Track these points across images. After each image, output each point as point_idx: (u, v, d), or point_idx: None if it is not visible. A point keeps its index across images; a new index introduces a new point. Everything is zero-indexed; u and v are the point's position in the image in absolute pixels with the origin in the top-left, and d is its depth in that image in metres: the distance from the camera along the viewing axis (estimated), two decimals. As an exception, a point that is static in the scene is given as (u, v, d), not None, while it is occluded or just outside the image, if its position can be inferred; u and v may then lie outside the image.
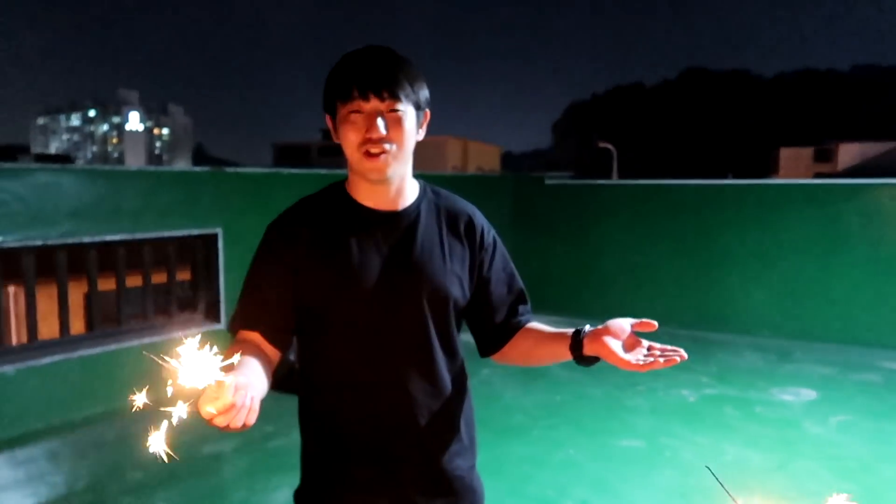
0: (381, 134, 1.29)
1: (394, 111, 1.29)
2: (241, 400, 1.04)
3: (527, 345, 1.46)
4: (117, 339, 4.91)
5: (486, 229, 1.49)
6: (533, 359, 1.47)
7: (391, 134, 1.30)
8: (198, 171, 5.56)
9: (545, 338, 1.42)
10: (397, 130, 1.30)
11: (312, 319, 1.38)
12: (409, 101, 1.31)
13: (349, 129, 1.31)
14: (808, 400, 5.03)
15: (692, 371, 5.76)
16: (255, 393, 1.11)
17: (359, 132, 1.30)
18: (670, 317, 7.46)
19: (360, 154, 1.31)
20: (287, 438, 4.07)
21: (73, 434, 4.43)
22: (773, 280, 7.00)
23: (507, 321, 1.49)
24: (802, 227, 6.87)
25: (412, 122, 1.33)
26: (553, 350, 1.39)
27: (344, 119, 1.31)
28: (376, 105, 1.29)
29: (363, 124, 1.30)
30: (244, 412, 1.06)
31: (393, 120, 1.30)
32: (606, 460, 3.95)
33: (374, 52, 1.33)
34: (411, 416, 1.37)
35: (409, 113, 1.32)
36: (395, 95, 1.29)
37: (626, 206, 7.91)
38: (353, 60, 1.32)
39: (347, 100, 1.30)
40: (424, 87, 1.36)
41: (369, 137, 1.29)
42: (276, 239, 1.39)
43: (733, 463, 3.89)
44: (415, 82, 1.33)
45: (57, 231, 4.49)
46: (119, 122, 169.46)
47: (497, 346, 1.50)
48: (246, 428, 1.07)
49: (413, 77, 1.32)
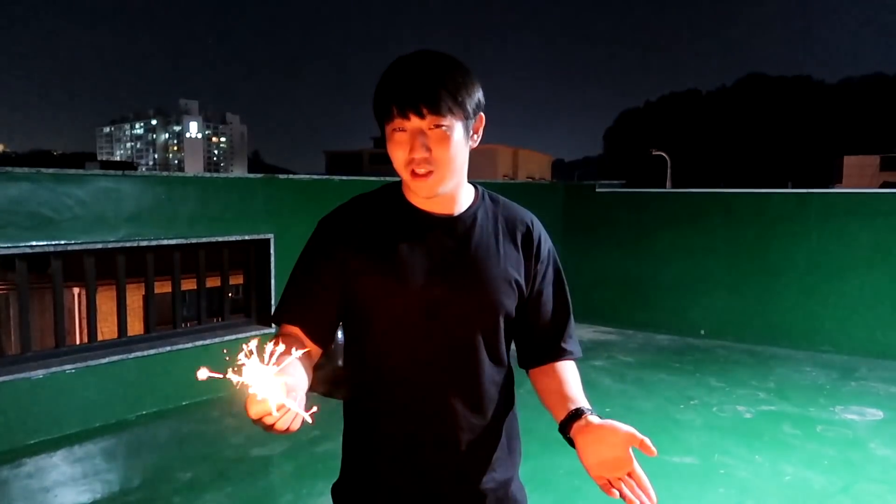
0: (424, 155, 1.25)
1: (437, 127, 1.24)
2: (289, 403, 1.04)
3: (546, 383, 1.41)
4: (172, 340, 5.03)
5: (544, 240, 1.44)
6: (543, 401, 1.42)
7: (435, 153, 1.25)
8: (251, 178, 5.67)
9: (556, 393, 1.37)
10: (442, 148, 1.25)
11: (358, 318, 1.36)
12: (454, 115, 1.25)
13: (394, 148, 1.28)
14: (874, 420, 4.79)
15: (749, 386, 5.56)
16: (300, 393, 1.10)
17: (403, 150, 1.26)
18: (726, 330, 7.26)
19: (408, 173, 1.28)
20: (334, 443, 4.03)
21: (129, 433, 4.55)
22: (837, 293, 6.71)
23: (551, 343, 1.44)
24: (869, 238, 6.56)
25: (460, 134, 1.27)
26: (553, 409, 1.36)
27: (389, 137, 1.28)
28: (418, 123, 1.24)
29: (407, 143, 1.25)
30: (290, 415, 1.05)
31: (437, 137, 1.24)
32: (657, 477, 3.79)
33: (416, 63, 1.26)
34: (450, 422, 1.34)
35: (455, 127, 1.25)
36: (437, 112, 1.23)
37: (680, 214, 7.71)
38: (395, 74, 1.27)
39: (390, 119, 1.26)
40: (475, 93, 1.29)
41: (412, 158, 1.26)
42: (326, 234, 1.37)
43: (793, 484, 3.72)
44: (460, 91, 1.25)
45: (116, 235, 4.63)
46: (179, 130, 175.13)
47: (536, 362, 1.45)
48: (290, 431, 1.06)
49: (458, 86, 1.25)
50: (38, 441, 4.28)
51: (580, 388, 1.39)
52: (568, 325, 1.47)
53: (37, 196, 4.27)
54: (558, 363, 1.43)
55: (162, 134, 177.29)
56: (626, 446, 1.17)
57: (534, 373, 1.46)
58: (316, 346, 1.35)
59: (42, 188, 4.30)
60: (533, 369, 1.46)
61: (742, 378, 5.80)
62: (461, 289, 1.32)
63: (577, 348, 1.47)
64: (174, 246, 5.01)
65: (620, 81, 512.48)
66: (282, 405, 1.02)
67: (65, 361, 4.50)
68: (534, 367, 1.45)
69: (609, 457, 1.19)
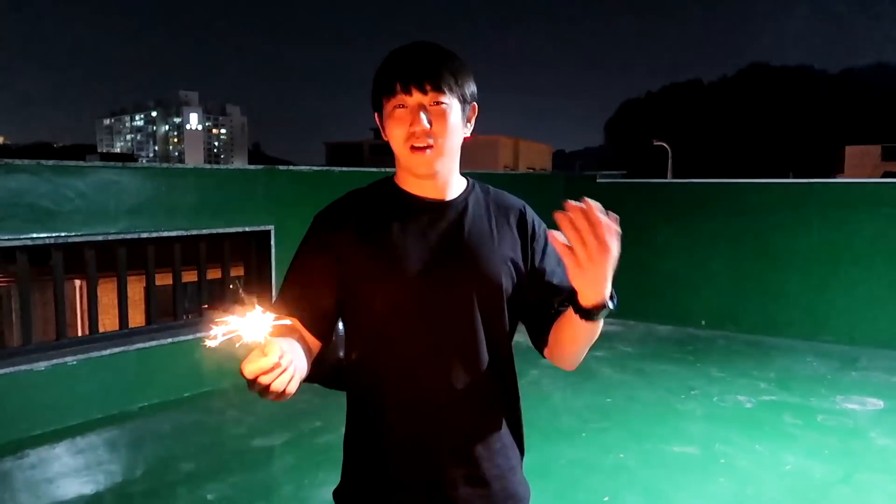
0: (425, 127, 1.27)
1: (438, 104, 1.28)
2: (285, 362, 1.05)
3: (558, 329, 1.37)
4: (173, 332, 5.04)
5: (538, 223, 1.45)
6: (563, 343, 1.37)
7: (435, 127, 1.28)
8: (251, 170, 5.67)
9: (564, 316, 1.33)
10: (441, 123, 1.29)
11: (357, 308, 1.36)
12: (454, 94, 1.30)
13: (394, 124, 1.30)
14: (874, 409, 4.79)
15: (750, 376, 5.56)
16: (297, 363, 1.12)
17: (403, 126, 1.29)
18: (729, 320, 7.26)
19: (406, 149, 1.30)
20: (335, 434, 4.07)
21: (131, 424, 4.57)
22: (838, 283, 6.71)
23: (556, 311, 1.39)
24: (870, 228, 6.55)
25: (457, 116, 1.31)
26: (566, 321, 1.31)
27: (389, 115, 1.31)
28: (419, 98, 1.28)
29: (407, 118, 1.29)
30: (286, 376, 1.06)
31: (437, 113, 1.28)
32: (658, 467, 3.84)
33: (417, 47, 1.32)
34: (452, 411, 1.34)
35: (453, 106, 1.30)
36: (438, 88, 1.27)
37: (681, 205, 7.70)
38: (397, 56, 1.32)
39: (391, 94, 1.29)
40: (471, 82, 1.34)
41: (413, 131, 1.28)
42: (322, 228, 1.39)
43: (794, 474, 3.73)
44: (459, 75, 1.31)
45: (117, 227, 4.63)
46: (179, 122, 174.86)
47: (545, 333, 1.40)
48: (284, 396, 1.08)
49: (457, 70, 1.31)
50: (41, 432, 4.29)
51: None
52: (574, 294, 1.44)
53: (37, 188, 4.27)
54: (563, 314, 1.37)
55: (162, 126, 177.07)
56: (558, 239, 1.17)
57: (550, 339, 1.39)
58: (315, 338, 1.35)
59: (43, 180, 4.29)
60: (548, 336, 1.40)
61: (743, 368, 5.81)
62: (458, 271, 1.33)
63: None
64: (175, 238, 5.01)
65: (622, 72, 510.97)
66: (277, 364, 1.03)
67: (66, 353, 4.51)
68: (546, 336, 1.40)
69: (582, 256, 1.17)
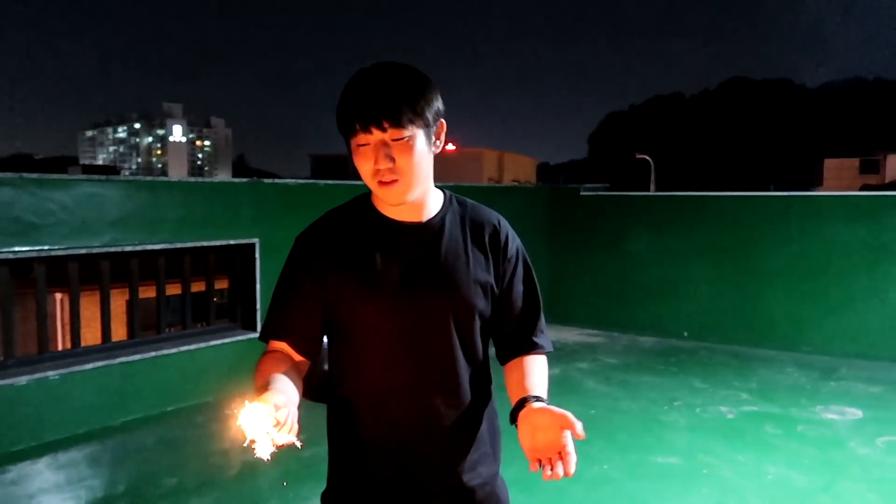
0: (389, 165, 1.30)
1: (399, 139, 1.29)
2: (282, 417, 1.09)
3: (510, 379, 1.46)
4: (157, 346, 5.01)
5: (511, 239, 1.49)
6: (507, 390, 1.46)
7: (399, 162, 1.30)
8: (236, 182, 5.66)
9: (517, 384, 1.42)
10: (406, 157, 1.30)
11: (339, 328, 1.41)
12: (416, 125, 1.29)
13: (360, 161, 1.33)
14: (854, 419, 4.86)
15: (731, 387, 5.62)
16: (293, 409, 1.15)
17: (368, 162, 1.31)
18: (709, 331, 7.33)
19: (375, 183, 1.34)
20: (320, 447, 4.04)
21: (113, 439, 4.53)
22: (818, 295, 6.81)
23: (522, 338, 1.49)
24: (849, 240, 6.66)
25: (423, 143, 1.32)
26: (511, 399, 1.40)
27: (355, 151, 1.33)
28: (380, 136, 1.28)
29: (371, 155, 1.31)
30: (285, 430, 1.10)
31: (400, 148, 1.29)
32: (642, 478, 3.87)
33: (375, 78, 1.30)
34: (433, 423, 1.39)
35: (417, 135, 1.30)
36: (397, 124, 1.27)
37: (663, 217, 7.79)
38: (355, 90, 1.31)
39: (353, 135, 1.31)
40: (434, 101, 1.33)
41: (377, 169, 1.31)
42: (303, 251, 1.43)
43: (775, 483, 3.77)
44: (418, 102, 1.29)
45: (100, 240, 4.61)
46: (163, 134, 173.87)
47: (509, 356, 1.50)
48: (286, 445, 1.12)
49: (417, 97, 1.29)
50: (22, 448, 4.24)
51: (541, 378, 1.43)
52: (538, 320, 1.52)
53: (20, 201, 4.25)
54: (527, 357, 1.48)
55: (145, 138, 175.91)
56: (559, 429, 1.22)
57: (506, 367, 1.50)
58: (304, 358, 1.40)
59: (25, 193, 4.27)
60: (507, 364, 1.50)
61: (725, 379, 5.87)
62: (434, 293, 1.37)
63: (548, 343, 1.52)
64: (159, 251, 5.00)
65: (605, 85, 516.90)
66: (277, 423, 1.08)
67: (48, 367, 4.46)
68: (507, 361, 1.50)
69: (542, 440, 1.23)
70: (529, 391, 1.37)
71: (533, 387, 1.39)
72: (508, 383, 1.45)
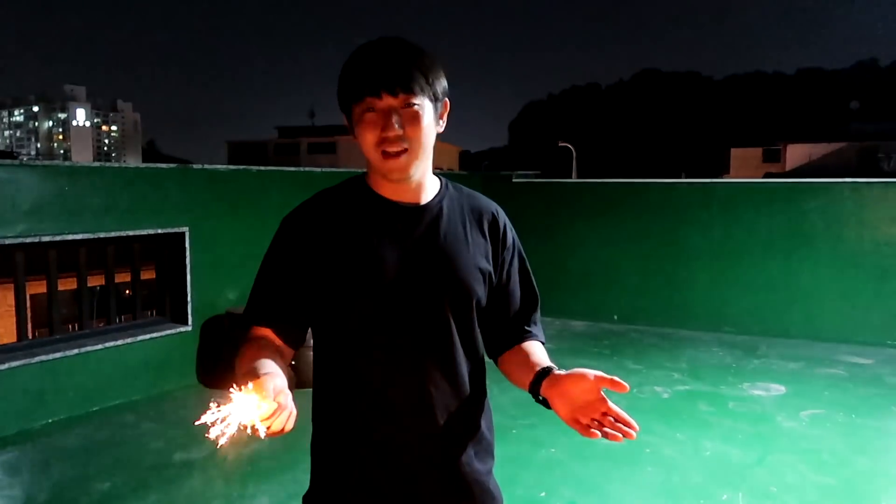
0: (398, 132, 1.24)
1: (409, 106, 1.24)
2: (284, 401, 1.04)
3: (513, 362, 1.42)
4: (79, 343, 4.70)
5: (509, 229, 1.46)
6: (512, 379, 1.42)
7: (408, 131, 1.25)
8: (164, 168, 5.37)
9: (523, 364, 1.38)
10: (415, 126, 1.25)
11: (330, 315, 1.33)
12: (425, 95, 1.26)
13: (364, 129, 1.26)
14: (778, 395, 5.12)
15: (663, 368, 5.82)
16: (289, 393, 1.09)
17: (374, 131, 1.25)
18: (638, 314, 7.56)
19: (378, 154, 1.27)
20: (262, 443, 3.91)
21: (34, 443, 4.22)
22: (738, 277, 7.13)
23: (517, 326, 1.45)
24: (767, 225, 7.00)
25: (430, 116, 1.28)
26: (521, 379, 1.35)
27: (359, 119, 1.27)
28: (390, 102, 1.23)
29: (378, 123, 1.25)
30: (285, 414, 1.04)
31: (409, 116, 1.25)
32: (589, 459, 3.94)
33: (384, 46, 1.27)
34: (430, 416, 1.32)
35: (426, 106, 1.27)
36: (409, 90, 1.23)
37: (593, 204, 7.96)
38: (364, 57, 1.27)
39: (360, 100, 1.25)
40: (442, 77, 1.31)
41: (385, 136, 1.24)
42: (290, 231, 1.34)
43: (714, 458, 3.92)
44: (430, 73, 1.27)
45: (14, 230, 4.26)
46: (65, 118, 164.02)
47: (503, 349, 1.46)
48: (282, 433, 1.06)
49: (428, 68, 1.27)
50: (-71, 458, 3.89)
51: (546, 356, 1.39)
52: (535, 311, 1.49)
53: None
54: (525, 343, 1.44)
55: (45, 121, 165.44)
56: (597, 389, 1.18)
57: (502, 358, 1.46)
58: (288, 347, 1.33)
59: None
60: (501, 356, 1.46)
61: (657, 360, 6.06)
62: (434, 278, 1.31)
63: (542, 334, 1.49)
64: (80, 241, 4.68)
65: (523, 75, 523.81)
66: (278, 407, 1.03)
67: (-43, 369, 4.11)
68: (501, 352, 1.46)
69: (580, 402, 1.19)
70: (546, 363, 1.32)
71: (546, 361, 1.34)
72: (511, 366, 1.41)
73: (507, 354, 1.44)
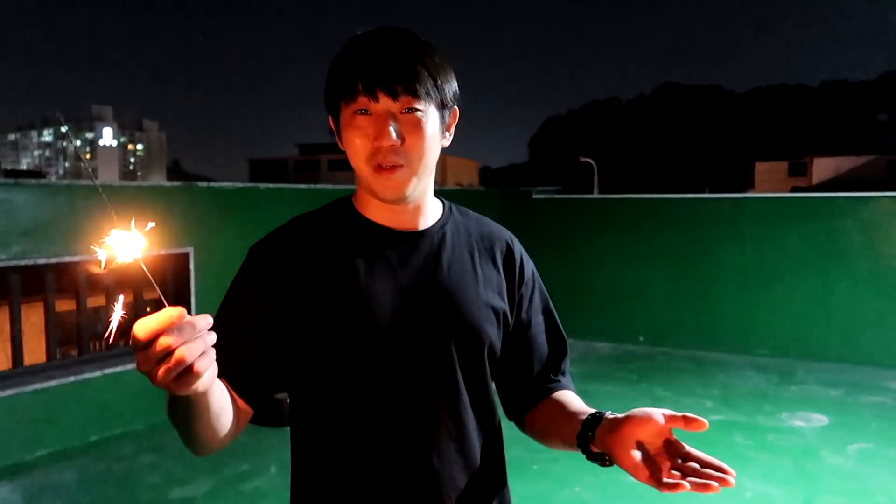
0: (394, 142, 0.98)
1: (411, 111, 0.99)
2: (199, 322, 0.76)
3: (545, 415, 1.13)
4: (77, 369, 4.49)
5: (526, 262, 1.20)
6: (547, 438, 1.13)
7: (408, 142, 1.00)
8: (168, 186, 5.19)
9: (560, 414, 1.09)
10: (416, 137, 1.00)
11: (309, 364, 1.06)
12: (431, 99, 1.01)
13: (354, 135, 1.00)
14: (820, 425, 4.76)
15: (694, 395, 5.48)
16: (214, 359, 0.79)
17: (366, 139, 1.00)
18: (665, 335, 7.21)
19: (370, 167, 1.01)
20: (264, 478, 3.69)
21: (25, 477, 4.00)
22: (771, 297, 6.77)
23: (543, 379, 1.17)
24: (801, 241, 6.65)
25: (435, 126, 1.02)
26: (561, 433, 1.06)
27: (348, 122, 1.01)
28: (388, 105, 0.99)
29: (372, 129, 0.99)
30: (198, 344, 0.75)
31: (410, 123, 1.00)
32: (616, 499, 3.62)
33: (386, 36, 1.01)
34: (435, 493, 1.04)
35: (430, 114, 1.01)
36: (412, 92, 0.98)
37: (617, 221, 7.66)
38: (361, 46, 1.01)
39: (352, 98, 0.99)
40: (452, 80, 1.06)
41: (379, 146, 0.98)
42: (259, 264, 1.07)
43: (755, 501, 3.58)
44: (439, 73, 1.02)
45: (8, 252, 4.08)
46: (92, 137, 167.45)
47: (528, 406, 1.17)
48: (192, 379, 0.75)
49: (436, 67, 1.02)
50: (-86, 493, 3.69)
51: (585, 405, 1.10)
52: (564, 360, 1.21)
53: None
54: (557, 393, 1.16)
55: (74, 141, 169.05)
56: (668, 431, 0.91)
57: (528, 417, 1.17)
58: (245, 404, 1.03)
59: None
60: (525, 415, 1.18)
61: (687, 386, 5.72)
62: (435, 319, 1.05)
63: (573, 385, 1.20)
64: (78, 262, 4.48)
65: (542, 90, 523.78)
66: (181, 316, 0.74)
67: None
68: (526, 411, 1.17)
69: (651, 451, 0.91)
70: (591, 410, 1.03)
71: (588, 408, 1.06)
72: (542, 425, 1.13)
73: (533, 412, 1.16)
